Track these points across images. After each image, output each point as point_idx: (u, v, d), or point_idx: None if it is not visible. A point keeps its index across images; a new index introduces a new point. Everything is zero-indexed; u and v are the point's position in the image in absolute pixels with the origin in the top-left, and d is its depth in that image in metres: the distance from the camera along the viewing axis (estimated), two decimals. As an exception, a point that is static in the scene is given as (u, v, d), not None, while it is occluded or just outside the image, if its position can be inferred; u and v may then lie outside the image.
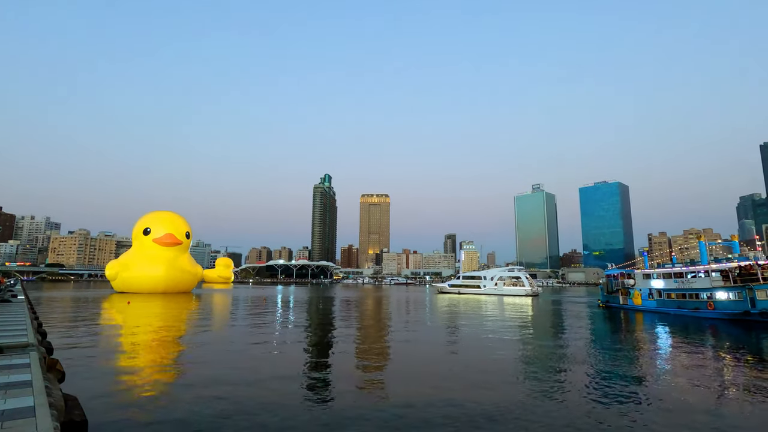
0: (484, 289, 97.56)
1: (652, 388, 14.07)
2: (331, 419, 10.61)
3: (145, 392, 12.72)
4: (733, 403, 12.26)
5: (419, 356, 20.14)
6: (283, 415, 10.83)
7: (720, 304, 39.83)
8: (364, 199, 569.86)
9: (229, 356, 19.02)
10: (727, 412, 11.40)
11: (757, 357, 20.36)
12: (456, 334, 28.57)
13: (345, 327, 31.91)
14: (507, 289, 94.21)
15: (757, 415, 11.08)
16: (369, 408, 11.62)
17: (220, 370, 15.79)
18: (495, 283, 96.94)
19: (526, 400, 12.52)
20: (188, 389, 13.09)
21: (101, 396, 12.07)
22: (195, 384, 13.72)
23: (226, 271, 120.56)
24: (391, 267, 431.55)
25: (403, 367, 17.35)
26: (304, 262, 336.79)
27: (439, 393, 13.08)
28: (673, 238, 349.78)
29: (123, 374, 15.02)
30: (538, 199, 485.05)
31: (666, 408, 11.85)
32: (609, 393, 13.36)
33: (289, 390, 13.28)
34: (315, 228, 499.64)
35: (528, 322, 36.63)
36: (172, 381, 14.30)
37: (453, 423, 10.39)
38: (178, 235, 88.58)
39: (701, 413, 11.41)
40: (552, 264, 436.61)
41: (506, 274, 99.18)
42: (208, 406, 11.31)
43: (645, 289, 49.65)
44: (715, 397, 12.80)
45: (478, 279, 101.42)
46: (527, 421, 10.61)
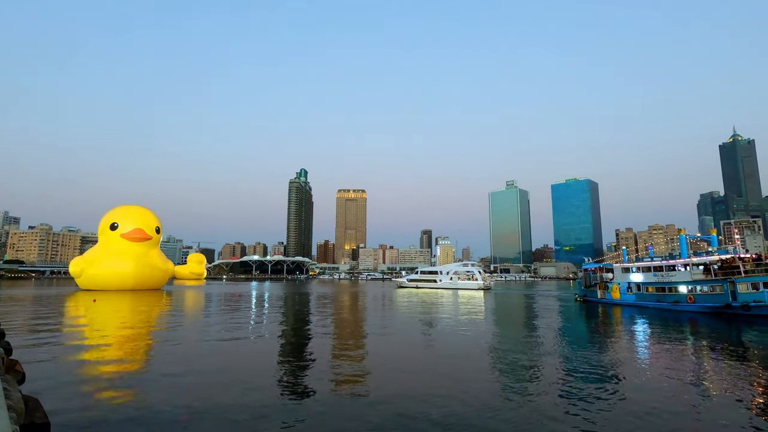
0: (440, 284, 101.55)
1: (624, 383, 14.57)
2: (306, 414, 10.59)
3: (111, 392, 12.32)
4: (710, 396, 12.44)
5: (389, 350, 20.31)
6: (256, 412, 10.73)
7: (700, 298, 39.51)
8: (340, 195, 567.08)
9: (201, 354, 18.62)
10: (704, 406, 11.63)
11: (738, 350, 20.52)
12: (419, 327, 28.94)
13: (320, 322, 31.80)
14: (461, 283, 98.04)
15: (734, 408, 11.22)
16: (339, 403, 11.65)
17: (190, 368, 15.46)
18: (450, 278, 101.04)
19: (498, 392, 12.85)
20: (157, 388, 12.75)
21: (65, 397, 11.61)
22: (164, 382, 13.39)
23: (198, 267, 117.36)
24: (367, 262, 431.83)
25: (370, 362, 17.47)
26: (279, 257, 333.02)
27: (407, 385, 13.28)
28: (638, 233, 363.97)
29: (88, 374, 14.49)
30: (512, 196, 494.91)
31: (640, 402, 12.33)
32: (581, 388, 13.82)
33: (262, 386, 13.15)
34: (290, 223, 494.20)
35: (503, 321, 37.40)
36: (140, 380, 13.85)
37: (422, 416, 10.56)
38: (147, 230, 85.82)
39: (676, 406, 11.92)
40: (525, 259, 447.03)
41: (461, 269, 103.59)
42: (177, 405, 11.05)
43: (624, 283, 49.17)
44: (691, 390, 12.94)
45: (435, 274, 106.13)
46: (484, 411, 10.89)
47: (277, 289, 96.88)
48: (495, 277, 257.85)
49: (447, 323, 31.36)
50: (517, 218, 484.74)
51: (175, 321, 31.78)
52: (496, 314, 39.86)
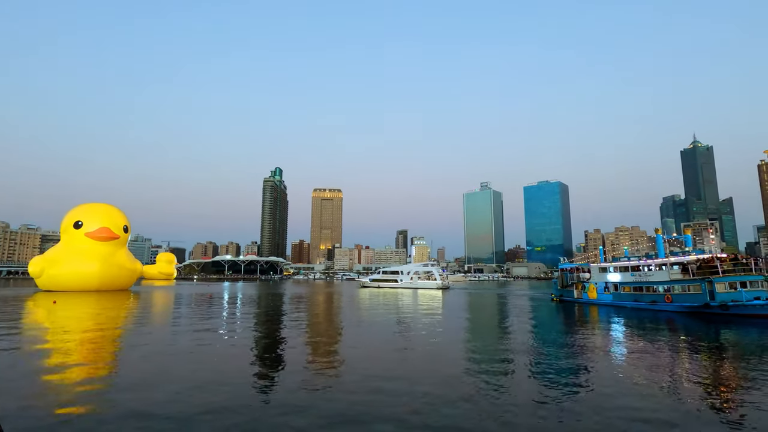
0: (401, 283, 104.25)
1: (594, 381, 14.98)
2: (279, 416, 10.41)
3: (72, 401, 11.75)
4: (686, 394, 12.72)
5: (359, 350, 20.28)
6: (226, 416, 10.47)
7: (678, 297, 39.18)
8: (316, 194, 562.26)
9: (169, 359, 18.00)
10: (679, 405, 11.99)
11: (714, 349, 20.74)
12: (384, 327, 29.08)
13: (292, 323, 31.40)
14: (421, 282, 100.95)
15: (709, 406, 11.43)
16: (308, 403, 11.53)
17: (159, 373, 14.93)
18: (411, 278, 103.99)
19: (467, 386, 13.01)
20: (123, 395, 12.22)
21: (22, 407, 10.99)
22: (130, 391, 12.82)
23: (167, 267, 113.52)
24: (343, 262, 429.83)
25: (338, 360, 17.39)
26: (252, 257, 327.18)
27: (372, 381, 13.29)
28: (606, 234, 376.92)
29: (47, 382, 13.76)
30: (486, 197, 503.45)
31: (617, 399, 12.74)
32: (549, 385, 14.14)
33: (233, 390, 12.81)
34: (265, 223, 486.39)
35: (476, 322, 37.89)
36: (104, 387, 13.24)
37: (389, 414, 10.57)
38: (114, 228, 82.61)
39: (647, 404, 12.33)
40: (498, 259, 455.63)
41: (421, 269, 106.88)
42: (144, 413, 10.66)
43: (601, 283, 48.75)
44: (668, 389, 13.10)
45: (396, 274, 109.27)
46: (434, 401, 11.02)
47: (250, 289, 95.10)
48: (469, 277, 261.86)
49: (417, 323, 31.53)
50: (490, 219, 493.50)
51: (143, 323, 30.64)
52: (461, 313, 40.37)
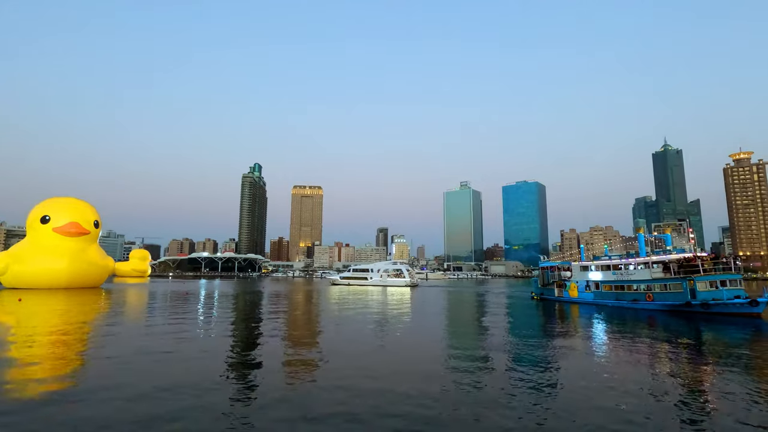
0: (371, 281, 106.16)
1: (570, 377, 15.35)
2: (256, 420, 10.28)
3: (38, 404, 11.32)
4: (664, 393, 12.96)
5: (337, 347, 20.25)
6: (195, 419, 10.27)
7: (660, 296, 39.34)
8: (296, 191, 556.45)
9: (139, 357, 17.51)
10: (659, 405, 12.25)
11: (696, 347, 21.07)
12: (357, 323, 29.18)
13: (270, 322, 31.08)
14: (390, 280, 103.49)
15: (686, 405, 11.64)
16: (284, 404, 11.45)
17: (130, 375, 14.52)
18: (380, 275, 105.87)
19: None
20: (93, 400, 11.79)
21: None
22: (101, 391, 12.43)
23: (141, 264, 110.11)
24: (322, 260, 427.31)
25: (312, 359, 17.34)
26: (230, 254, 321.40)
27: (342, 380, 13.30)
28: (581, 234, 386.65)
29: (10, 385, 13.22)
30: (465, 196, 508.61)
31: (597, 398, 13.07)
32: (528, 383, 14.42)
33: (209, 392, 12.58)
34: (243, 219, 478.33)
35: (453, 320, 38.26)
36: (72, 390, 12.77)
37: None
38: (84, 223, 79.73)
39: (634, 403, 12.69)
40: (476, 257, 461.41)
41: (390, 267, 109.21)
42: (114, 417, 10.35)
43: (582, 282, 48.69)
44: (646, 388, 13.26)
45: (366, 271, 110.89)
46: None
47: (227, 287, 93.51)
48: (448, 275, 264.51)
49: (388, 321, 31.67)
50: (470, 218, 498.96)
51: (114, 322, 29.76)
52: (435, 312, 40.75)
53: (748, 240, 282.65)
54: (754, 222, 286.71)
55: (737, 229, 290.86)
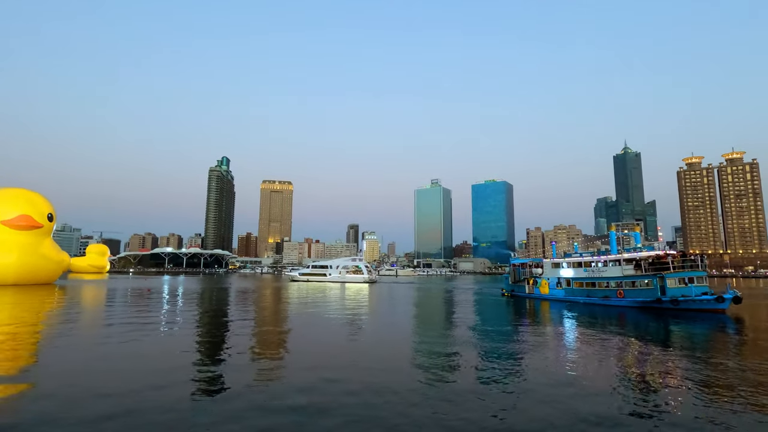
0: (330, 277, 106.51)
1: (535, 374, 15.78)
2: (221, 420, 10.10)
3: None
4: (630, 389, 13.41)
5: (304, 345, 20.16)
6: (150, 424, 9.98)
7: (631, 293, 39.64)
8: (265, 186, 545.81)
9: (99, 360, 16.74)
10: (625, 398, 12.85)
11: (665, 342, 21.56)
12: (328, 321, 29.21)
13: (237, 319, 30.48)
14: (349, 276, 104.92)
15: (652, 400, 12.00)
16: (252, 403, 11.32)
17: (86, 377, 13.93)
18: (339, 272, 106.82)
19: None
20: (43, 403, 11.24)
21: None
22: (53, 396, 11.77)
23: (99, 260, 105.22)
24: (292, 256, 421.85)
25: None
26: (196, 250, 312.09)
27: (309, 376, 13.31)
28: (545, 232, 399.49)
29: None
30: (436, 194, 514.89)
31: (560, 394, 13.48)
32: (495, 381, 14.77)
33: (173, 394, 12.23)
34: (209, 214, 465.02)
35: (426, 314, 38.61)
36: (21, 396, 12.08)
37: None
38: (36, 216, 75.27)
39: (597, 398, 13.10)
40: (446, 254, 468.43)
41: (349, 264, 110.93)
42: (56, 419, 9.88)
43: (553, 278, 48.59)
44: (612, 384, 13.65)
45: (325, 268, 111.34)
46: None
47: (192, 283, 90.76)
48: (418, 272, 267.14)
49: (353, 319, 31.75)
50: (440, 215, 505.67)
51: (70, 321, 28.33)
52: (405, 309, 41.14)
53: (698, 239, 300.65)
54: (703, 222, 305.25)
55: (688, 229, 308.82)
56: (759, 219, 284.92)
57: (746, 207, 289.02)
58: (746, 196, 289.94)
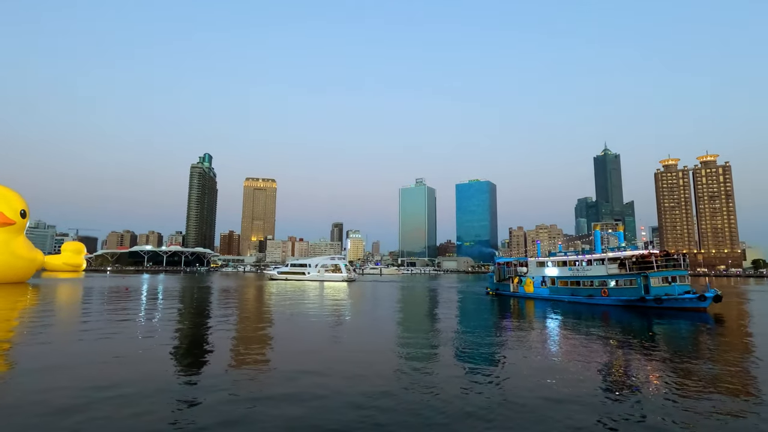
0: (308, 276, 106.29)
1: (512, 371, 16.01)
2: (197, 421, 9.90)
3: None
4: (603, 382, 13.79)
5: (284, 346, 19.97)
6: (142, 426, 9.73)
7: (615, 291, 39.77)
8: (248, 183, 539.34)
9: (74, 360, 16.24)
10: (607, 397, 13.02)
11: (649, 340, 21.74)
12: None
13: (218, 319, 30.00)
14: (328, 275, 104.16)
15: (626, 392, 12.38)
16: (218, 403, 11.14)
17: (63, 378, 13.46)
18: (318, 271, 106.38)
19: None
20: (13, 414, 10.83)
21: None
22: (24, 405, 11.34)
23: (75, 258, 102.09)
24: (275, 255, 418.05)
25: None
26: (176, 248, 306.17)
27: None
28: (528, 232, 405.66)
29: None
30: (421, 193, 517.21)
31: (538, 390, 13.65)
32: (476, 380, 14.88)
33: (150, 395, 11.93)
34: (191, 211, 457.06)
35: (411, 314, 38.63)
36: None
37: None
38: (9, 212, 72.65)
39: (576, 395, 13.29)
40: (430, 253, 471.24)
41: (328, 263, 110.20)
42: (43, 427, 9.55)
43: (538, 277, 48.59)
44: (593, 384, 14.00)
45: (304, 266, 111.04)
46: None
47: (172, 282, 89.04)
48: (402, 270, 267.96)
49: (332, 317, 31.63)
50: (424, 214, 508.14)
51: (44, 321, 27.41)
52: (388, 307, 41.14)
53: (673, 239, 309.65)
54: (679, 223, 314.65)
55: (665, 229, 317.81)
56: (731, 220, 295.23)
57: (719, 208, 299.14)
58: (719, 198, 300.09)
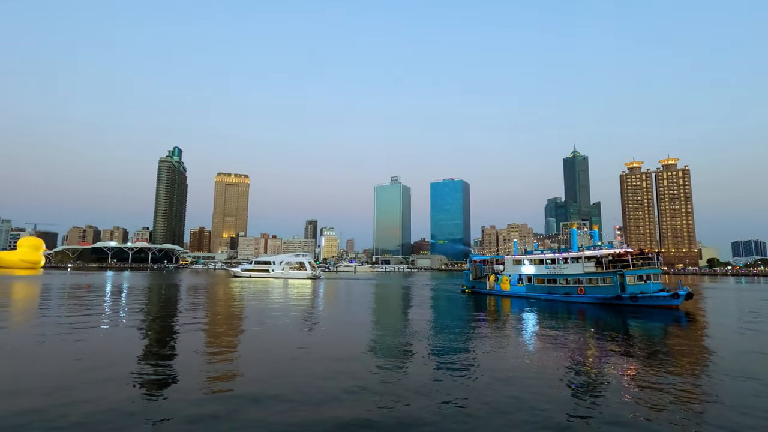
0: (272, 273, 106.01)
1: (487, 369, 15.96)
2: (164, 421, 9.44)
3: None
4: (583, 383, 13.87)
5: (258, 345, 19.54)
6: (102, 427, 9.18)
7: (591, 289, 39.90)
8: (220, 178, 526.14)
9: (29, 365, 15.28)
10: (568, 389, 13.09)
11: (625, 337, 22.05)
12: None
13: (186, 317, 29.03)
14: (292, 273, 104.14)
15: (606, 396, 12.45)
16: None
17: (18, 379, 12.62)
18: (282, 268, 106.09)
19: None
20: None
21: None
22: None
23: (33, 254, 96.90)
24: (247, 252, 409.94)
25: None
26: (143, 244, 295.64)
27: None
28: (499, 231, 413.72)
29: None
30: (396, 191, 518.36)
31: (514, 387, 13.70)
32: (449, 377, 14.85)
33: (112, 396, 11.32)
34: (159, 207, 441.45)
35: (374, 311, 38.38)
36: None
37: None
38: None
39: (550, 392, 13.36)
40: (404, 251, 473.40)
41: (293, 260, 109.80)
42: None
43: (515, 275, 48.48)
44: (568, 381, 13.93)
45: (268, 264, 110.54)
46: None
47: (138, 279, 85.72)
48: (376, 268, 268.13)
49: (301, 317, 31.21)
50: (399, 212, 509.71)
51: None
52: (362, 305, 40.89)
53: (636, 238, 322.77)
54: (641, 223, 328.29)
55: (628, 229, 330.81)
56: (689, 221, 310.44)
57: (678, 209, 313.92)
58: (679, 200, 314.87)
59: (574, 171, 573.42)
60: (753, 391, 12.23)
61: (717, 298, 52.15)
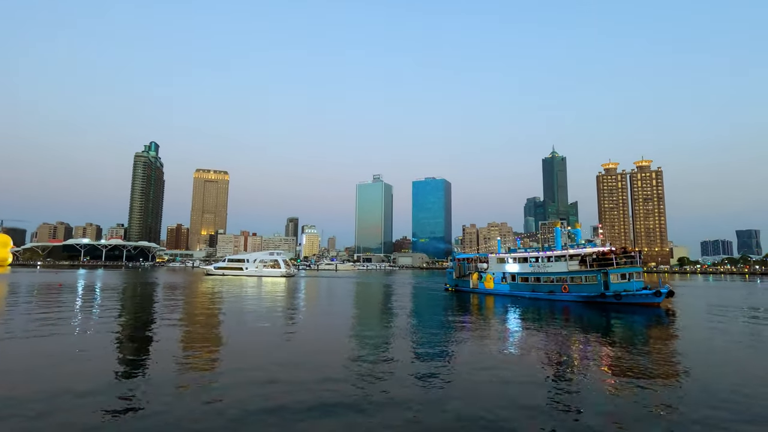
0: (246, 271, 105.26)
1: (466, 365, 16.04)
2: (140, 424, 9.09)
3: None
4: (555, 375, 14.00)
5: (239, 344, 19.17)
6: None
7: (575, 288, 39.99)
8: (198, 175, 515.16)
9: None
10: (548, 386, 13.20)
11: (608, 335, 22.20)
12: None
13: (161, 316, 28.27)
14: (266, 270, 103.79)
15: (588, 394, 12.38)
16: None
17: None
18: (256, 266, 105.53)
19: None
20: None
21: None
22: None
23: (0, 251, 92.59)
24: (227, 249, 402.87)
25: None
26: (117, 241, 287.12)
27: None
28: (480, 229, 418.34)
29: None
30: (378, 189, 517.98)
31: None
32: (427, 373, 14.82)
33: (84, 399, 10.85)
34: (134, 203, 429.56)
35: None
36: None
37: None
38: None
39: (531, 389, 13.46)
40: (386, 249, 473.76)
41: (267, 258, 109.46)
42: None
43: (498, 273, 48.39)
44: (548, 376, 14.08)
45: (242, 262, 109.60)
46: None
47: (112, 278, 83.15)
48: (358, 266, 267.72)
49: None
50: (381, 211, 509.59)
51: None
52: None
53: (611, 238, 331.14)
54: (617, 222, 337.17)
55: (604, 229, 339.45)
56: (661, 221, 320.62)
57: (652, 210, 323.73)
58: (652, 200, 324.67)
59: (553, 171, 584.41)
60: (730, 387, 12.56)
61: (691, 296, 53.87)
